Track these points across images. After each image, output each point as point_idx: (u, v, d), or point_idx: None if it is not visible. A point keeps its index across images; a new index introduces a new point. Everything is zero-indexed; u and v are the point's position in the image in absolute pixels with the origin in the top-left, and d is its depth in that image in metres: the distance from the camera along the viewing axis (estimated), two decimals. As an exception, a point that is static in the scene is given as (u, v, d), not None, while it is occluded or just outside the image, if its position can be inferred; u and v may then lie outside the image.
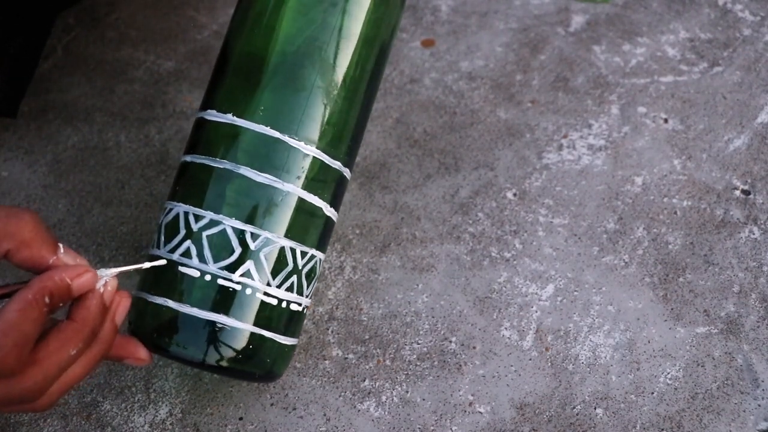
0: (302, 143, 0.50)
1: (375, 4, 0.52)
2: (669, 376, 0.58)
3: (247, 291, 0.49)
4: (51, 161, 0.69)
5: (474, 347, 0.59)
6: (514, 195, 0.66)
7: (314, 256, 0.52)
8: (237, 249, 0.49)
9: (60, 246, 0.46)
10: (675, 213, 0.65)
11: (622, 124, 0.69)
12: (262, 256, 0.49)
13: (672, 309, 0.61)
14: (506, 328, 0.60)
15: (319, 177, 0.51)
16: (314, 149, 0.51)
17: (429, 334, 0.60)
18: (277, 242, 0.50)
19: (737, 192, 0.66)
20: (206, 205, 0.50)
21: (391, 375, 0.58)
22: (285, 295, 0.51)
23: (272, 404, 0.57)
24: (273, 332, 0.50)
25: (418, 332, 0.60)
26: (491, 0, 0.78)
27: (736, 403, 0.57)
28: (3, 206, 0.45)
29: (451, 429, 0.56)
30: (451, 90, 0.72)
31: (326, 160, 0.51)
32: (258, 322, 0.50)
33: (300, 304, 0.52)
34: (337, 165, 0.52)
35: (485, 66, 0.73)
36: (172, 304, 0.49)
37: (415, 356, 0.59)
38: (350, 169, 0.54)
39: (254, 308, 0.49)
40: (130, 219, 0.65)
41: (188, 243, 0.49)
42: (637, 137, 0.68)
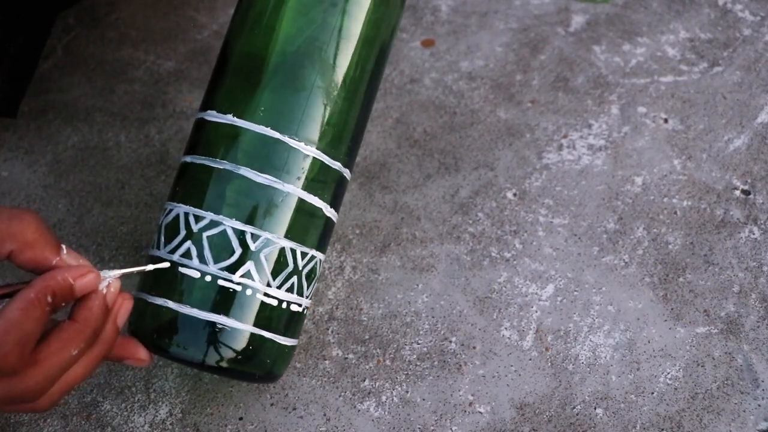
0: (302, 144, 0.50)
1: (375, 5, 0.52)
2: (669, 376, 0.58)
3: (248, 292, 0.49)
4: (51, 161, 0.69)
5: (474, 347, 0.59)
6: (514, 195, 0.66)
7: (314, 257, 0.52)
8: (237, 250, 0.49)
9: (63, 247, 0.46)
10: (675, 213, 0.65)
11: (622, 124, 0.69)
12: (263, 257, 0.49)
13: (672, 309, 0.61)
14: (506, 328, 0.60)
15: (319, 177, 0.51)
16: (314, 150, 0.51)
17: (429, 334, 0.60)
18: (278, 243, 0.50)
19: (737, 192, 0.66)
20: (206, 206, 0.50)
21: (391, 375, 0.58)
22: (285, 296, 0.51)
23: (272, 404, 0.57)
24: (273, 333, 0.50)
25: (418, 332, 0.60)
26: (491, 0, 0.78)
27: (736, 403, 0.57)
28: (5, 207, 0.45)
29: (451, 429, 0.56)
30: (451, 90, 0.72)
31: (326, 161, 0.51)
32: (258, 323, 0.50)
33: (300, 305, 0.52)
34: (337, 165, 0.52)
35: (485, 66, 0.73)
36: (173, 305, 0.49)
37: (415, 356, 0.59)
38: (350, 170, 0.54)
39: (254, 309, 0.49)
40: (130, 219, 0.65)
41: (188, 244, 0.49)
42: (637, 137, 0.68)
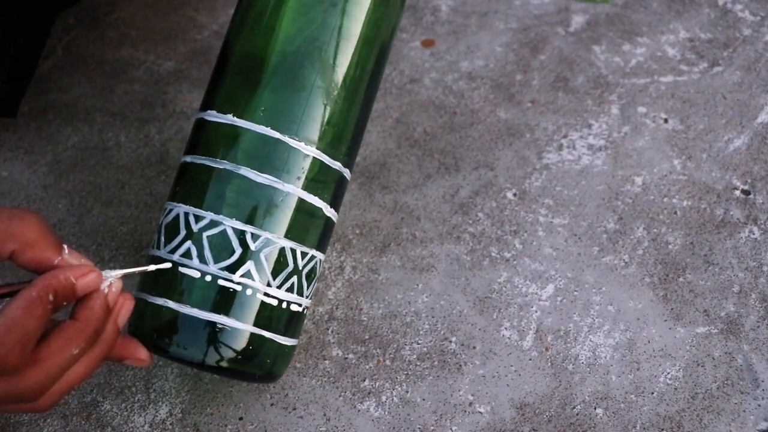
0: (302, 144, 0.50)
1: (375, 5, 0.52)
2: (669, 376, 0.58)
3: (248, 291, 0.49)
4: (51, 161, 0.69)
5: (474, 347, 0.59)
6: (514, 195, 0.66)
7: (314, 257, 0.52)
8: (237, 249, 0.49)
9: (64, 247, 0.46)
10: (675, 213, 0.65)
11: (622, 124, 0.69)
12: (263, 257, 0.49)
13: (672, 309, 0.61)
14: (506, 328, 0.60)
15: (319, 177, 0.51)
16: (314, 150, 0.51)
17: (429, 334, 0.60)
18: (278, 243, 0.50)
19: (737, 192, 0.66)
20: (206, 206, 0.50)
21: (391, 375, 0.58)
22: (285, 296, 0.51)
23: (272, 404, 0.57)
24: (273, 333, 0.50)
25: (418, 332, 0.60)
26: (491, 0, 0.78)
27: (736, 403, 0.57)
28: (7, 208, 0.45)
29: (451, 429, 0.56)
30: (451, 90, 0.72)
31: (326, 161, 0.51)
32: (258, 323, 0.50)
33: (300, 305, 0.52)
34: (337, 165, 0.52)
35: (485, 66, 0.73)
36: (173, 305, 0.49)
37: (415, 356, 0.59)
38: (350, 170, 0.54)
39: (254, 309, 0.49)
40: (130, 219, 0.65)
41: (188, 244, 0.49)
42: (637, 137, 0.68)
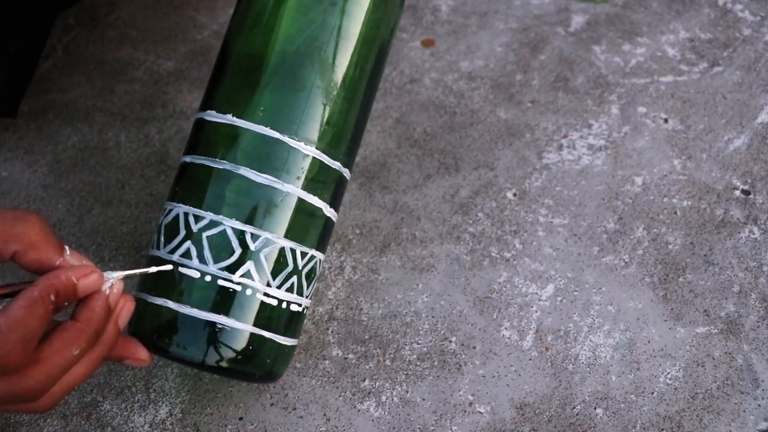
0: (302, 144, 0.50)
1: (374, 5, 0.52)
2: (669, 376, 0.58)
3: (247, 292, 0.49)
4: (51, 161, 0.69)
5: (474, 347, 0.59)
6: (514, 195, 0.66)
7: (314, 257, 0.52)
8: (237, 250, 0.49)
9: (66, 248, 0.46)
10: (675, 213, 0.65)
11: (622, 124, 0.69)
12: (262, 257, 0.49)
13: (672, 309, 0.61)
14: (506, 328, 0.60)
15: (319, 177, 0.51)
16: (314, 149, 0.51)
17: (429, 334, 0.60)
18: (277, 243, 0.50)
19: (737, 192, 0.66)
20: (206, 206, 0.50)
21: (391, 375, 0.58)
22: (285, 296, 0.51)
23: (272, 404, 0.57)
24: (273, 333, 0.50)
25: (418, 332, 0.60)
26: (491, 0, 0.78)
27: (736, 403, 0.57)
28: (8, 209, 0.45)
29: (451, 429, 0.56)
30: (451, 90, 0.72)
31: (326, 161, 0.51)
32: (258, 323, 0.50)
33: (300, 305, 0.52)
34: (337, 165, 0.52)
35: (485, 66, 0.73)
36: (172, 305, 0.49)
37: (415, 356, 0.59)
38: (350, 170, 0.54)
39: (254, 309, 0.49)
40: (130, 219, 0.65)
41: (188, 244, 0.49)
42: (637, 137, 0.68)
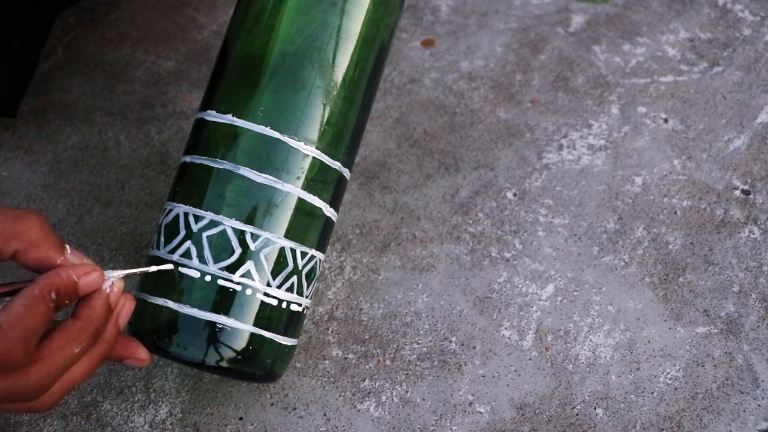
0: (302, 143, 0.50)
1: (374, 5, 0.52)
2: (669, 376, 0.58)
3: (247, 291, 0.49)
4: (51, 161, 0.69)
5: (474, 347, 0.59)
6: (514, 195, 0.66)
7: (314, 257, 0.52)
8: (237, 249, 0.49)
9: (67, 247, 0.46)
10: (675, 213, 0.65)
11: (622, 124, 0.69)
12: (262, 257, 0.49)
13: (672, 309, 0.61)
14: (506, 328, 0.60)
15: (319, 177, 0.51)
16: (314, 149, 0.51)
17: (429, 334, 0.60)
18: (277, 243, 0.50)
19: (737, 192, 0.66)
20: (206, 206, 0.50)
21: (391, 375, 0.58)
22: (285, 296, 0.51)
23: (272, 404, 0.57)
24: (273, 333, 0.50)
25: (418, 332, 0.60)
26: (491, 0, 0.78)
27: (736, 403, 0.57)
28: (10, 208, 0.45)
29: (451, 429, 0.56)
30: (451, 90, 0.72)
31: (326, 161, 0.51)
32: (258, 323, 0.50)
33: (300, 305, 0.52)
34: (337, 165, 0.52)
35: (485, 66, 0.73)
36: (172, 305, 0.49)
37: (415, 356, 0.59)
38: (350, 170, 0.54)
39: (254, 309, 0.49)
40: (130, 219, 0.65)
41: (188, 244, 0.49)
42: (637, 137, 0.68)
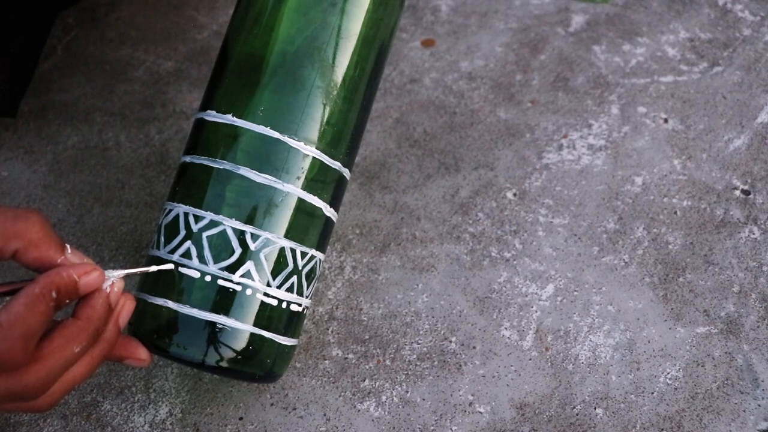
0: (302, 143, 0.50)
1: (374, 5, 0.52)
2: (669, 376, 0.58)
3: (247, 292, 0.49)
4: (51, 161, 0.69)
5: (474, 347, 0.59)
6: (514, 195, 0.66)
7: (314, 257, 0.52)
8: (237, 249, 0.49)
9: (67, 246, 0.46)
10: (675, 213, 0.65)
11: (622, 124, 0.69)
12: (262, 257, 0.49)
13: (672, 309, 0.61)
14: (506, 328, 0.60)
15: (319, 177, 0.51)
16: (314, 149, 0.51)
17: (429, 334, 0.60)
18: (277, 243, 0.50)
19: (737, 192, 0.66)
20: (206, 206, 0.50)
21: (391, 375, 0.58)
22: (285, 296, 0.51)
23: (272, 404, 0.57)
24: (273, 333, 0.50)
25: (418, 332, 0.60)
26: (491, 0, 0.78)
27: (736, 403, 0.57)
28: (10, 208, 0.45)
29: (451, 429, 0.56)
30: (451, 90, 0.72)
31: (326, 161, 0.51)
32: (258, 323, 0.50)
33: (300, 305, 0.52)
34: (337, 165, 0.52)
35: (485, 66, 0.73)
36: (172, 305, 0.49)
37: (415, 356, 0.59)
38: (350, 169, 0.54)
39: (254, 309, 0.49)
40: (130, 219, 0.65)
41: (188, 244, 0.49)
42: (637, 137, 0.68)
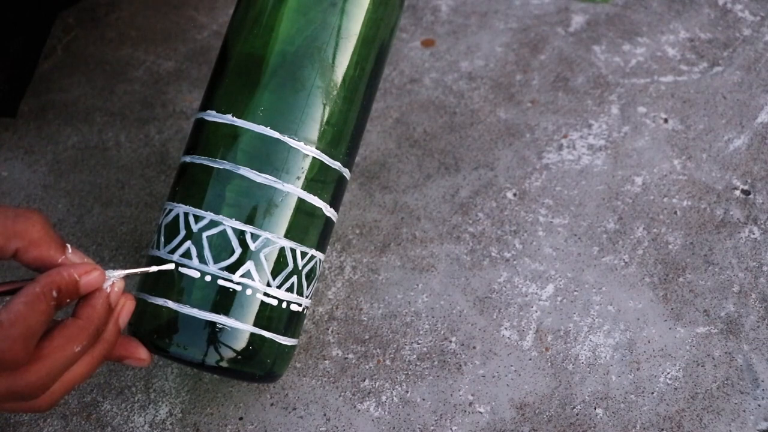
0: (302, 143, 0.50)
1: (374, 5, 0.52)
2: (669, 376, 0.58)
3: (247, 291, 0.49)
4: (51, 161, 0.69)
5: (474, 347, 0.59)
6: (514, 195, 0.66)
7: (314, 257, 0.52)
8: (237, 249, 0.49)
9: (68, 246, 0.46)
10: (675, 213, 0.65)
11: (622, 124, 0.69)
12: (262, 257, 0.49)
13: (672, 309, 0.61)
14: (506, 328, 0.60)
15: (319, 177, 0.51)
16: (314, 149, 0.51)
17: (429, 334, 0.60)
18: (277, 243, 0.50)
19: (737, 192, 0.66)
20: (206, 206, 0.50)
21: (391, 375, 0.58)
22: (285, 296, 0.51)
23: (272, 404, 0.57)
24: (273, 333, 0.50)
25: (418, 332, 0.60)
26: (491, 0, 0.78)
27: (736, 403, 0.57)
28: (11, 207, 0.45)
29: (451, 429, 0.56)
30: (451, 90, 0.72)
31: (326, 161, 0.51)
32: (258, 323, 0.50)
33: (300, 305, 0.52)
34: (337, 165, 0.52)
35: (485, 66, 0.73)
36: (172, 305, 0.49)
37: (415, 356, 0.59)
38: (350, 169, 0.54)
39: (254, 309, 0.49)
40: (130, 219, 0.65)
41: (188, 244, 0.49)
42: (637, 137, 0.68)
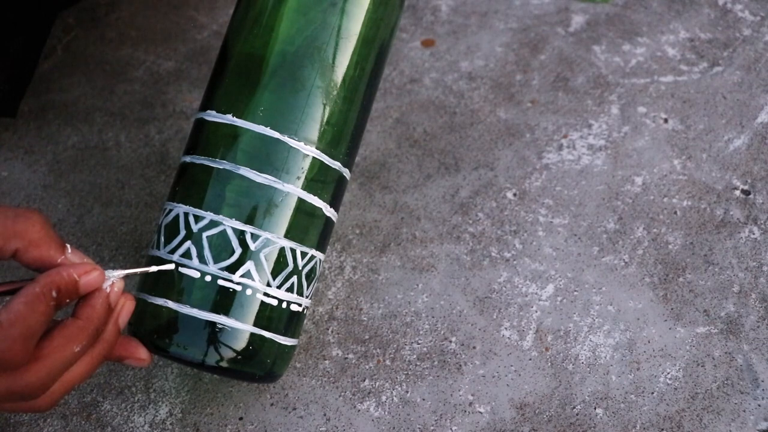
0: (302, 143, 0.50)
1: (374, 5, 0.52)
2: (669, 376, 0.58)
3: (247, 292, 0.49)
4: (51, 161, 0.69)
5: (474, 347, 0.59)
6: (514, 195, 0.66)
7: (314, 257, 0.52)
8: (237, 249, 0.49)
9: (68, 246, 0.46)
10: (675, 213, 0.65)
11: (622, 124, 0.69)
12: (262, 257, 0.49)
13: (672, 309, 0.61)
14: (506, 328, 0.60)
15: (319, 177, 0.51)
16: (314, 149, 0.51)
17: (429, 334, 0.60)
18: (277, 243, 0.50)
19: (737, 192, 0.66)
20: (206, 206, 0.50)
21: (391, 375, 0.58)
22: (285, 296, 0.51)
23: (272, 404, 0.57)
24: (273, 333, 0.50)
25: (418, 332, 0.60)
26: (491, 0, 0.78)
27: (736, 403, 0.57)
28: (11, 207, 0.45)
29: (451, 429, 0.56)
30: (451, 90, 0.72)
31: (326, 161, 0.51)
32: (258, 323, 0.50)
33: (300, 305, 0.52)
34: (337, 165, 0.52)
35: (485, 66, 0.73)
36: (172, 305, 0.49)
37: (415, 356, 0.59)
38: (350, 169, 0.54)
39: (254, 309, 0.49)
40: (130, 219, 0.65)
41: (188, 244, 0.49)
42: (637, 137, 0.68)
